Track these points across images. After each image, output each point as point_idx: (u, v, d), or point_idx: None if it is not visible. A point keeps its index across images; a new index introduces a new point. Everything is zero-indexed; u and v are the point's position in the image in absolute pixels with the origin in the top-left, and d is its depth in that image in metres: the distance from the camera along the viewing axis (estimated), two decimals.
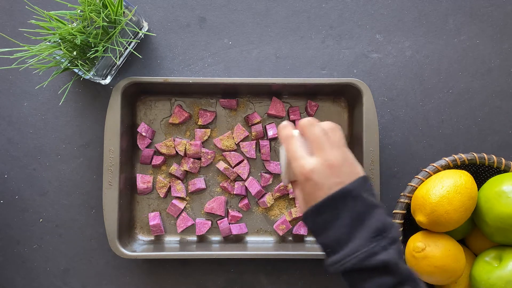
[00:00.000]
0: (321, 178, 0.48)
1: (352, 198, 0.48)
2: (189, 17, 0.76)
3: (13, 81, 0.75)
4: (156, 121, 0.75)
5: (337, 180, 0.48)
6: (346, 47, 0.76)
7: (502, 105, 0.76)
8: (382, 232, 0.47)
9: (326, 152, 0.49)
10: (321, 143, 0.50)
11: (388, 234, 0.47)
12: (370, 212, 0.48)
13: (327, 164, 0.48)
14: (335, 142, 0.50)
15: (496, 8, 0.77)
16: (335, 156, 0.49)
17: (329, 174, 0.48)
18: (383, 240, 0.47)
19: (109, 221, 0.69)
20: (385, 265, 0.46)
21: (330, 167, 0.48)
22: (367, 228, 0.47)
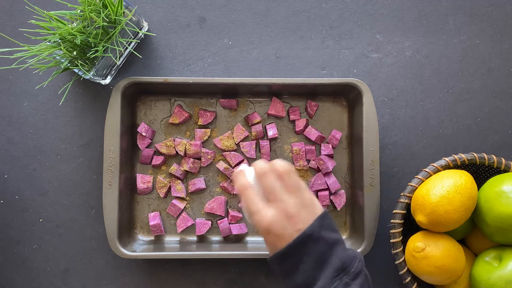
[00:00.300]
0: (280, 229, 0.50)
1: (312, 241, 0.50)
2: (189, 17, 0.76)
3: (13, 81, 0.75)
4: (156, 121, 0.75)
5: (296, 228, 0.50)
6: (346, 47, 0.76)
7: (502, 105, 0.76)
8: (343, 269, 0.49)
9: (282, 202, 0.51)
10: (276, 193, 0.51)
11: (350, 269, 0.49)
12: (331, 250, 0.50)
13: (284, 214, 0.50)
14: (290, 187, 0.52)
15: (496, 8, 0.77)
16: (291, 205, 0.51)
17: (287, 224, 0.50)
18: (346, 276, 0.49)
19: (109, 221, 0.69)
20: None
21: (287, 217, 0.50)
22: (329, 268, 0.49)
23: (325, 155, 0.74)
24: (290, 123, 0.76)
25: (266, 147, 0.74)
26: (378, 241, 0.73)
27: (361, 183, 0.70)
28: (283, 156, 0.75)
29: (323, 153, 0.74)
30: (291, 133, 0.76)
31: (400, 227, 0.65)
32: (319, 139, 0.74)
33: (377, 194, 0.69)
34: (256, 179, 0.54)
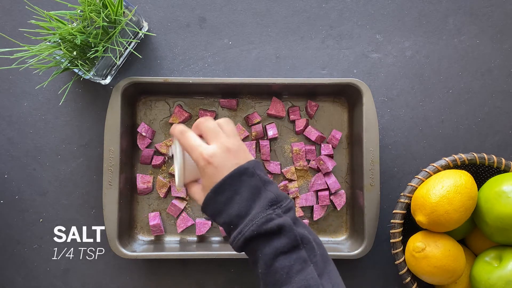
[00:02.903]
0: (221, 161, 0.53)
1: (249, 175, 0.52)
2: (189, 17, 0.76)
3: (13, 81, 0.75)
4: (156, 121, 0.75)
5: (234, 162, 0.53)
6: (346, 47, 0.76)
7: (502, 105, 0.76)
8: (276, 202, 0.52)
9: (222, 139, 0.54)
10: (216, 132, 0.55)
11: (282, 204, 0.52)
12: (265, 186, 0.53)
13: (225, 148, 0.53)
14: (229, 132, 0.55)
15: (496, 8, 0.77)
16: (231, 142, 0.54)
17: (227, 157, 0.53)
18: (278, 208, 0.51)
19: (109, 221, 0.69)
20: (280, 228, 0.50)
21: (228, 151, 0.53)
22: (263, 199, 0.52)
23: (325, 155, 0.74)
24: (290, 123, 0.76)
25: (266, 147, 0.74)
26: (378, 241, 0.73)
27: (361, 183, 0.70)
28: (283, 156, 0.75)
29: (323, 153, 0.74)
30: (291, 133, 0.76)
31: (400, 227, 0.65)
32: (319, 139, 0.74)
33: (377, 194, 0.69)
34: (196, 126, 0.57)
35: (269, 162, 0.74)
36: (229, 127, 0.56)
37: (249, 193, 0.52)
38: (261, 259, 0.50)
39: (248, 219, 0.51)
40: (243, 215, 0.51)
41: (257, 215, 0.50)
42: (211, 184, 0.53)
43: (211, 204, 0.53)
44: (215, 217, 0.54)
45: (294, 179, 0.74)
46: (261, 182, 0.53)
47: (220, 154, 0.53)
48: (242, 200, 0.52)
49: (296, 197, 0.74)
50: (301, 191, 0.75)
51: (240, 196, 0.52)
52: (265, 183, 0.53)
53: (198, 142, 0.54)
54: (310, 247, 0.51)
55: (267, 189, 0.52)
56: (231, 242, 0.52)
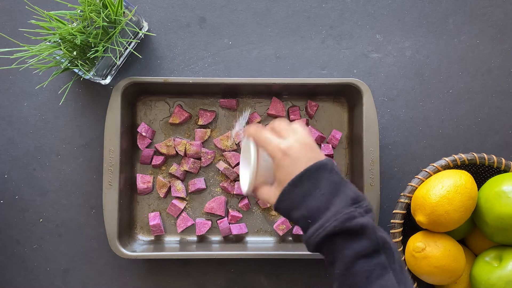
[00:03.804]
0: (298, 153, 0.52)
1: (328, 170, 0.51)
2: (189, 17, 0.76)
3: (13, 81, 0.75)
4: (156, 121, 0.75)
5: (312, 155, 0.52)
6: (346, 47, 0.76)
7: (502, 105, 0.76)
8: (358, 201, 0.50)
9: (298, 135, 0.54)
10: (292, 129, 0.55)
11: (363, 203, 0.50)
12: (344, 183, 0.51)
13: (302, 141, 0.53)
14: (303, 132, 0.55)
15: (496, 8, 0.77)
16: (307, 137, 0.54)
17: (304, 150, 0.52)
18: (360, 207, 0.50)
19: (109, 221, 0.69)
20: (363, 228, 0.48)
21: (304, 145, 0.53)
22: (344, 196, 0.50)
23: (325, 155, 0.74)
24: None
25: None
26: None
27: (361, 183, 0.70)
28: None
29: (323, 153, 0.74)
30: None
31: (400, 227, 0.65)
32: (319, 139, 0.74)
33: (377, 194, 0.69)
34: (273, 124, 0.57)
35: None
36: (303, 129, 0.55)
37: (329, 188, 0.50)
38: (340, 260, 0.48)
39: (330, 213, 0.49)
40: (323, 209, 0.50)
41: (340, 210, 0.49)
42: (288, 177, 0.52)
43: (288, 197, 0.52)
44: (291, 211, 0.52)
45: None
46: (340, 178, 0.51)
47: (297, 146, 0.52)
48: (322, 194, 0.50)
49: None
50: None
51: (320, 190, 0.50)
52: (343, 180, 0.52)
53: (274, 136, 0.54)
54: (389, 253, 0.49)
55: (347, 186, 0.51)
56: (308, 237, 0.50)
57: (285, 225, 0.73)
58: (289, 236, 0.75)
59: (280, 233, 0.73)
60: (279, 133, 0.55)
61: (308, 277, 0.74)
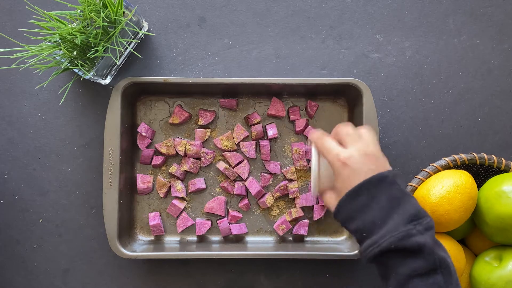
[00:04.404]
0: (358, 164, 0.51)
1: (388, 184, 0.50)
2: (189, 17, 0.76)
3: (13, 81, 0.75)
4: (156, 121, 0.75)
5: (373, 167, 0.51)
6: (346, 47, 0.76)
7: (502, 105, 0.76)
8: (418, 218, 0.48)
9: (360, 144, 0.52)
10: (355, 137, 0.52)
11: (424, 221, 0.48)
12: (405, 198, 0.49)
13: (363, 152, 0.51)
14: (369, 140, 0.53)
15: (496, 8, 0.77)
16: (370, 147, 0.52)
17: (364, 161, 0.51)
18: (419, 225, 0.48)
19: (109, 221, 0.69)
20: (421, 248, 0.46)
21: (365, 155, 0.51)
22: (403, 212, 0.48)
23: None
24: (290, 123, 0.76)
25: (266, 147, 0.74)
26: None
27: None
28: (283, 156, 0.75)
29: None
30: (291, 133, 0.76)
31: None
32: None
33: None
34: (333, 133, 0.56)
35: (269, 162, 0.74)
36: (369, 136, 0.53)
37: (387, 202, 0.49)
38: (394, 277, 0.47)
39: (386, 229, 0.47)
40: (379, 223, 0.48)
41: (397, 227, 0.47)
42: (346, 188, 0.50)
43: (345, 208, 0.51)
44: (347, 222, 0.51)
45: (294, 179, 0.74)
46: (402, 192, 0.50)
47: (357, 157, 0.51)
48: (379, 208, 0.49)
49: (296, 197, 0.74)
50: (301, 191, 0.75)
51: (377, 204, 0.49)
52: (405, 195, 0.50)
53: (335, 145, 0.53)
54: (447, 272, 0.47)
55: (408, 201, 0.49)
56: (363, 251, 0.49)
57: (285, 225, 0.73)
58: (289, 236, 0.75)
59: (280, 233, 0.73)
60: (343, 140, 0.53)
61: (308, 277, 0.74)
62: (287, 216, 0.74)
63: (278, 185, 0.74)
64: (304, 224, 0.74)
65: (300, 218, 0.74)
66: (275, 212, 0.75)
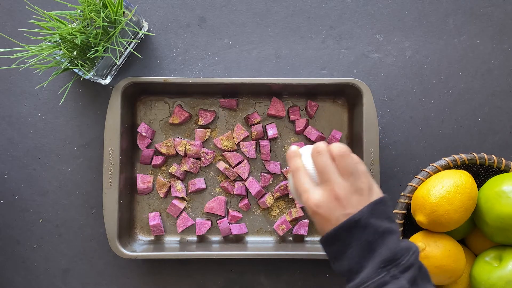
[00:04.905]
0: (327, 211, 0.49)
1: (360, 228, 0.47)
2: (189, 17, 0.76)
3: (13, 81, 0.75)
4: (156, 121, 0.75)
5: (343, 212, 0.48)
6: (346, 47, 0.76)
7: (502, 105, 0.76)
8: (392, 261, 0.46)
9: (332, 184, 0.49)
10: (327, 173, 0.50)
11: (401, 261, 0.46)
12: (381, 240, 0.47)
13: (333, 196, 0.49)
14: (344, 170, 0.50)
15: (496, 8, 0.77)
16: (341, 188, 0.49)
17: (335, 207, 0.48)
18: (394, 268, 0.46)
19: (109, 221, 0.69)
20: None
21: (336, 199, 0.49)
22: (377, 258, 0.47)
23: None
24: (290, 123, 0.76)
25: (266, 147, 0.74)
26: None
27: None
28: (283, 156, 0.75)
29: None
30: (291, 133, 0.76)
31: (400, 227, 0.65)
32: (319, 139, 0.74)
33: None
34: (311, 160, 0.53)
35: (269, 162, 0.74)
36: (345, 162, 0.50)
37: (360, 250, 0.47)
38: None
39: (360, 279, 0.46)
40: (354, 272, 0.47)
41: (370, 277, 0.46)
42: (321, 232, 0.50)
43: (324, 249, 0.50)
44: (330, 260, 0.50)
45: None
46: (376, 235, 0.47)
47: (327, 203, 0.49)
48: (352, 256, 0.47)
49: None
50: None
51: (350, 252, 0.47)
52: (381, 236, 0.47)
53: (306, 186, 0.50)
54: None
55: (384, 243, 0.47)
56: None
57: (285, 225, 0.73)
58: (289, 236, 0.75)
59: (280, 233, 0.73)
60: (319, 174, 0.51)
61: (308, 277, 0.74)
62: (287, 216, 0.74)
63: (278, 185, 0.74)
64: (304, 224, 0.74)
65: (300, 218, 0.74)
66: (275, 212, 0.75)
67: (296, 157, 0.53)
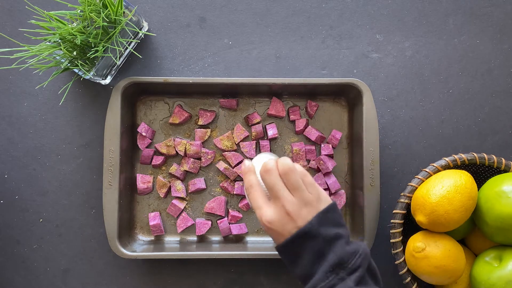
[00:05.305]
0: (280, 226, 0.52)
1: (310, 238, 0.51)
2: (189, 17, 0.76)
3: (13, 81, 0.75)
4: (156, 121, 0.75)
5: (294, 225, 0.52)
6: (346, 47, 0.76)
7: (502, 105, 0.76)
8: (339, 264, 0.50)
9: (282, 200, 0.53)
10: (276, 191, 0.53)
11: (348, 264, 0.50)
12: (329, 246, 0.51)
13: (284, 212, 0.52)
14: (291, 185, 0.53)
15: (496, 8, 0.77)
16: (290, 203, 0.52)
17: (287, 222, 0.52)
18: (342, 271, 0.50)
19: (109, 221, 0.69)
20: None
21: (287, 215, 0.52)
22: (326, 263, 0.51)
23: (325, 155, 0.74)
24: (290, 123, 0.76)
25: (266, 147, 0.74)
26: (378, 241, 0.73)
27: (361, 183, 0.70)
28: (283, 156, 0.75)
29: (323, 153, 0.74)
30: (291, 133, 0.76)
31: (400, 227, 0.65)
32: (319, 139, 0.74)
33: (377, 194, 0.69)
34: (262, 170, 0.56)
35: None
36: (290, 179, 0.53)
37: (310, 257, 0.51)
38: None
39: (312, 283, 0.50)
40: (307, 276, 0.52)
41: (319, 282, 0.50)
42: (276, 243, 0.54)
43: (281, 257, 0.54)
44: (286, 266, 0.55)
45: None
46: (325, 243, 0.51)
47: (279, 219, 0.52)
48: (304, 264, 0.52)
49: None
50: None
51: (302, 260, 0.52)
52: (330, 243, 0.51)
53: (259, 202, 0.54)
54: None
55: (331, 249, 0.51)
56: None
57: None
58: None
59: None
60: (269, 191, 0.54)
61: None
62: None
63: None
64: None
65: None
66: None
67: (249, 172, 0.57)
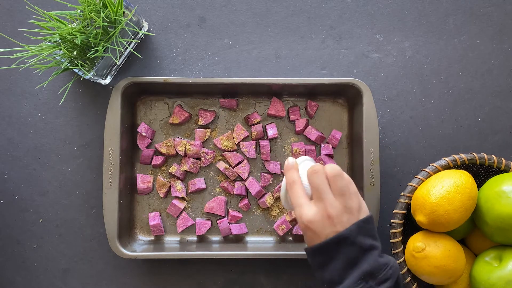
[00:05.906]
0: (319, 228, 0.53)
1: (346, 244, 0.52)
2: (189, 17, 0.76)
3: (13, 81, 0.75)
4: (156, 121, 0.75)
5: (333, 229, 0.52)
6: (346, 47, 0.76)
7: (502, 105, 0.76)
8: (371, 274, 0.51)
9: (325, 202, 0.53)
10: (321, 193, 0.53)
11: (379, 275, 0.51)
12: (363, 256, 0.52)
13: (325, 214, 0.53)
14: (336, 191, 0.54)
15: (496, 8, 0.77)
16: (334, 207, 0.53)
17: (326, 224, 0.53)
18: (372, 280, 0.51)
19: (109, 221, 0.69)
20: None
21: (328, 218, 0.53)
22: (357, 271, 0.51)
23: (325, 155, 0.74)
24: (290, 123, 0.76)
25: (266, 147, 0.74)
26: None
27: (361, 183, 0.70)
28: (283, 156, 0.75)
29: (323, 153, 0.74)
30: (291, 133, 0.76)
31: (400, 227, 0.65)
32: (319, 139, 0.74)
33: (377, 194, 0.69)
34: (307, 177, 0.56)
35: (269, 162, 0.74)
36: (338, 184, 0.54)
37: (344, 263, 0.52)
38: None
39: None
40: (335, 281, 0.52)
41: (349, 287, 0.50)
42: (309, 244, 0.54)
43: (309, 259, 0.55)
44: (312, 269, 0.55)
45: None
46: (360, 251, 0.52)
47: (319, 220, 0.53)
48: (335, 268, 0.52)
49: None
50: None
51: (333, 265, 0.52)
52: (364, 253, 0.52)
53: (302, 200, 0.54)
54: None
55: (365, 259, 0.52)
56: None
57: (285, 225, 0.73)
58: (289, 236, 0.75)
59: (280, 233, 0.73)
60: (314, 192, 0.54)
61: (308, 277, 0.74)
62: (287, 216, 0.74)
63: (278, 185, 0.74)
64: None
65: None
66: (275, 212, 0.75)
67: (293, 169, 0.57)
